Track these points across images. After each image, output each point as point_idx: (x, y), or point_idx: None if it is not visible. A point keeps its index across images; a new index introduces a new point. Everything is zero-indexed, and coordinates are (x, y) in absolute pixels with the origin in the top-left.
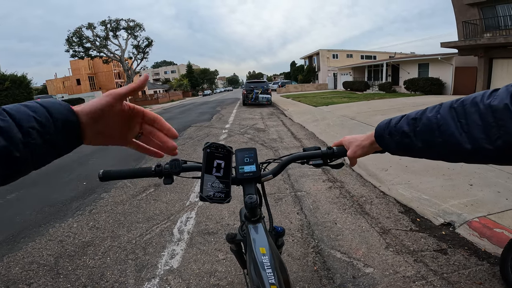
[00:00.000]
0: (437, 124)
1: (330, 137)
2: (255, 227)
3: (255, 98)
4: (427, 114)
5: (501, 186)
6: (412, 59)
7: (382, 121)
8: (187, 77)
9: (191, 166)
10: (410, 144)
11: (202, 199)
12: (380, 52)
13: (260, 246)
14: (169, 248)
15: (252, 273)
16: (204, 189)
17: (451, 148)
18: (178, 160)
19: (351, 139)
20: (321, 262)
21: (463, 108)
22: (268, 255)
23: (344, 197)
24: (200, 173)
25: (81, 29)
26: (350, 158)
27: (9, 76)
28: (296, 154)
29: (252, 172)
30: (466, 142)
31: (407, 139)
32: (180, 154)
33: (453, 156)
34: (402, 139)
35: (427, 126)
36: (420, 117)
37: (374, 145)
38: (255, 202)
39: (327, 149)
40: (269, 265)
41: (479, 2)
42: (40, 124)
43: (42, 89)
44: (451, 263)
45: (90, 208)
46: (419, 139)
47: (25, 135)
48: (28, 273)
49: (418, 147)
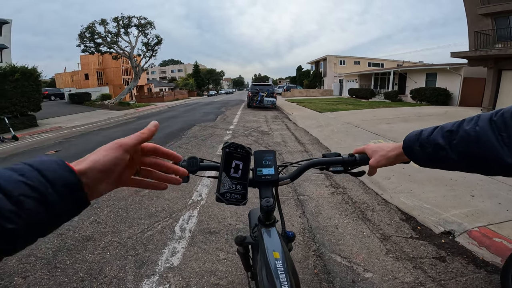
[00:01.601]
0: (476, 137)
1: (334, 143)
2: (268, 231)
3: (260, 101)
4: (465, 127)
5: (502, 198)
6: (420, 68)
7: (411, 133)
8: (193, 77)
9: (209, 165)
10: (445, 157)
11: (218, 199)
12: (388, 60)
13: (273, 250)
14: (170, 245)
15: (264, 277)
16: (221, 190)
17: (491, 162)
18: (196, 158)
19: (376, 148)
20: (322, 265)
21: (503, 121)
22: (282, 259)
23: (346, 203)
24: (216, 173)
25: (93, 25)
26: (372, 167)
27: (20, 68)
28: (316, 159)
29: (271, 175)
30: (508, 156)
31: (442, 151)
32: (184, 152)
33: (493, 170)
34: (436, 152)
35: (464, 139)
36: (456, 130)
37: (401, 156)
38: (272, 205)
39: (349, 156)
40: (282, 270)
41: (493, 12)
42: (33, 189)
43: (50, 82)
44: (449, 271)
45: (92, 202)
46: (455, 152)
47: (16, 204)
48: (25, 266)
49: (453, 160)
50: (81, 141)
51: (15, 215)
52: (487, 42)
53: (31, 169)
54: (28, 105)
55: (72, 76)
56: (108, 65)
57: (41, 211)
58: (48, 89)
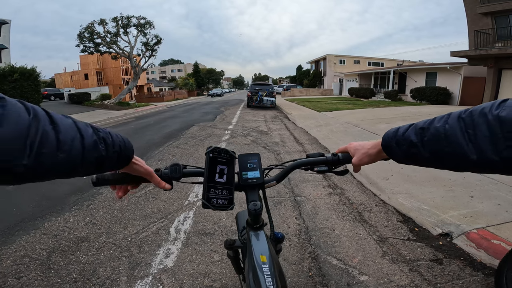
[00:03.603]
0: (444, 134)
1: (333, 143)
2: (256, 234)
3: (260, 101)
4: (435, 124)
5: (501, 199)
6: (420, 68)
7: (389, 130)
8: (193, 77)
9: (193, 172)
10: (417, 154)
11: (204, 206)
12: (388, 59)
13: (260, 253)
14: (165, 247)
15: (251, 280)
16: (207, 196)
17: (458, 158)
18: (178, 165)
19: (358, 146)
20: (317, 268)
21: (471, 119)
22: (269, 263)
23: (344, 204)
24: (202, 178)
25: (93, 25)
26: (355, 165)
27: (19, 68)
28: (301, 160)
29: (256, 178)
30: (472, 152)
31: (414, 148)
32: (182, 152)
33: (460, 167)
34: (409, 149)
35: (434, 136)
36: (428, 127)
37: (380, 153)
38: (259, 209)
39: (332, 156)
40: (269, 274)
41: (493, 11)
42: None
43: (50, 82)
44: (445, 273)
45: (88, 203)
46: (427, 149)
47: (112, 153)
48: (19, 266)
49: (425, 157)
50: None
51: (105, 150)
52: (487, 41)
53: (121, 140)
54: None
55: (72, 76)
56: (108, 65)
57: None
58: (47, 89)
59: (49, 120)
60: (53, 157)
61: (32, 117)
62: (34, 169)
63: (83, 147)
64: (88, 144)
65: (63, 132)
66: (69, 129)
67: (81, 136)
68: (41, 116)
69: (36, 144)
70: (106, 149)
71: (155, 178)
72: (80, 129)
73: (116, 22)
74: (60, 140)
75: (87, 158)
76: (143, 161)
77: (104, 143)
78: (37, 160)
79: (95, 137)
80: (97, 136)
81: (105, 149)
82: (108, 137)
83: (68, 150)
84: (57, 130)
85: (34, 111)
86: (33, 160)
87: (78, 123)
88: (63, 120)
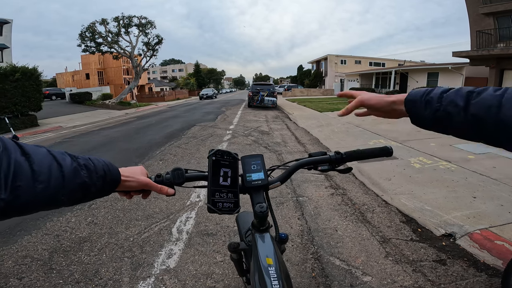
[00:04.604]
0: (498, 103)
1: (334, 144)
2: (262, 236)
3: (261, 101)
4: (490, 92)
5: (504, 200)
6: (422, 68)
7: (413, 90)
8: (194, 76)
9: (196, 176)
10: (455, 115)
11: (210, 210)
12: (389, 60)
13: (266, 256)
14: (167, 247)
15: (257, 283)
16: (212, 200)
17: (507, 131)
18: (180, 169)
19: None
20: (320, 268)
21: None
22: (275, 265)
23: (346, 204)
24: (205, 182)
25: (94, 25)
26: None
27: (20, 68)
28: (304, 159)
29: (261, 179)
30: None
31: (455, 108)
32: (183, 152)
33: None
34: (445, 108)
35: (486, 101)
36: (479, 91)
37: (396, 106)
38: (266, 211)
39: (335, 154)
40: (275, 276)
41: (495, 11)
42: (97, 171)
43: (51, 82)
44: (449, 274)
45: (90, 203)
46: (470, 112)
47: (96, 179)
48: (21, 267)
49: (462, 121)
50: (81, 141)
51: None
52: (489, 42)
53: (104, 163)
54: (29, 105)
55: (73, 76)
56: (109, 64)
57: (98, 181)
58: (49, 89)
59: (20, 151)
60: (31, 188)
61: (1, 150)
62: (14, 203)
63: (63, 175)
64: (68, 172)
65: (37, 162)
66: (43, 159)
67: (58, 165)
68: (10, 147)
69: (10, 177)
70: (89, 176)
71: (154, 187)
72: (56, 157)
73: (117, 22)
74: (35, 170)
75: (69, 187)
76: (136, 175)
77: (85, 169)
78: (13, 193)
79: (75, 164)
80: (76, 163)
81: (88, 176)
82: (89, 163)
83: (47, 180)
84: (30, 161)
85: (3, 143)
86: (9, 194)
87: (52, 152)
88: (36, 150)
